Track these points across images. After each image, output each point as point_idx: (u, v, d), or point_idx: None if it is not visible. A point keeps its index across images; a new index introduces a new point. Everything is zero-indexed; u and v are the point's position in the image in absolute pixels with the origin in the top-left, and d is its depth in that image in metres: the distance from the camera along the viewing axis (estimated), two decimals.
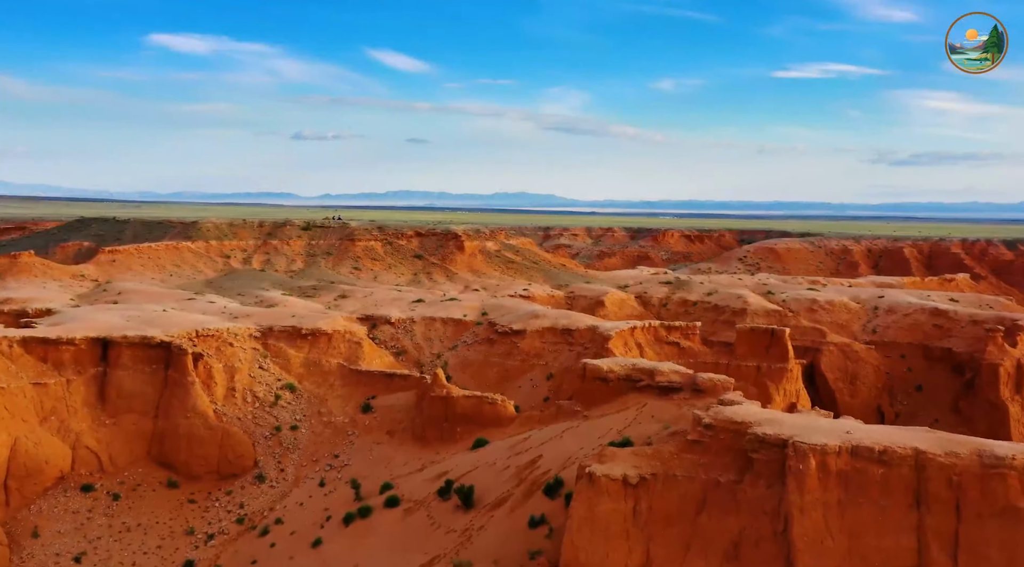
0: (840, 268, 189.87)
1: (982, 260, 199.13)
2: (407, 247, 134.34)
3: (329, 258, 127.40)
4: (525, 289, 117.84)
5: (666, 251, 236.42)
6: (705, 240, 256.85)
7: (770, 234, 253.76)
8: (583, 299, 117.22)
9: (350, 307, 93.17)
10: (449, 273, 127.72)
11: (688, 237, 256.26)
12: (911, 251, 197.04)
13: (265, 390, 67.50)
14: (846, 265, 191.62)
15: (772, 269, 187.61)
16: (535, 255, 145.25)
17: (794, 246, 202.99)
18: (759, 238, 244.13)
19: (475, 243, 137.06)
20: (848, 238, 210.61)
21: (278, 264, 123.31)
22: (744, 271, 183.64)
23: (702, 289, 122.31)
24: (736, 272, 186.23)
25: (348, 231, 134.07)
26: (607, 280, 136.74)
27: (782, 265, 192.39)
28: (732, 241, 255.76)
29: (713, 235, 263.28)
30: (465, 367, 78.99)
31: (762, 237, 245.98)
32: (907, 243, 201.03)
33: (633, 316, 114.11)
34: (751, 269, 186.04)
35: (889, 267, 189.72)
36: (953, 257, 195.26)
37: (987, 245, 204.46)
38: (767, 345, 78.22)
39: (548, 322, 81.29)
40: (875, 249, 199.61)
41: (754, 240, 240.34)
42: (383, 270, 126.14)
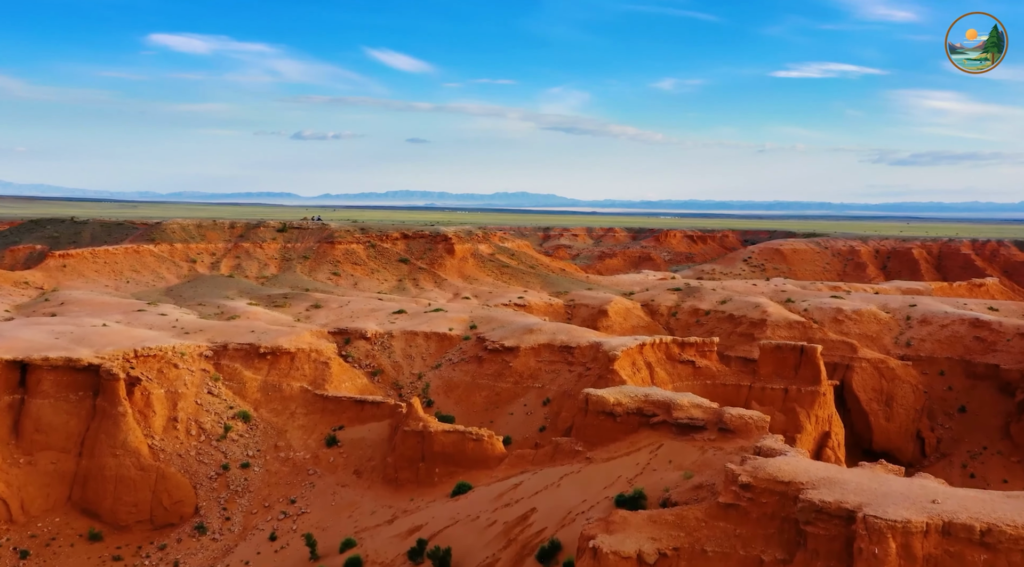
0: (847, 269, 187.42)
1: (993, 261, 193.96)
2: (392, 250, 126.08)
3: (306, 262, 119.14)
4: (520, 297, 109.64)
5: (668, 252, 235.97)
6: (708, 240, 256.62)
7: (774, 234, 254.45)
8: (584, 308, 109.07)
9: (322, 319, 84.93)
10: (437, 279, 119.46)
11: (690, 237, 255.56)
12: (920, 252, 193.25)
13: (213, 420, 59.19)
14: (853, 266, 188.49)
15: (778, 270, 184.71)
16: (532, 259, 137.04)
17: (800, 247, 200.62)
18: (763, 238, 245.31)
19: (466, 246, 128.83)
20: (855, 238, 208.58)
21: (249, 269, 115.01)
22: (749, 272, 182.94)
23: (715, 297, 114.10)
24: (741, 273, 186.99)
25: (327, 233, 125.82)
26: (610, 286, 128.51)
27: (788, 266, 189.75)
28: (735, 241, 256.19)
29: (716, 235, 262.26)
30: (450, 390, 70.71)
31: (766, 237, 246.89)
32: (915, 244, 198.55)
33: (639, 327, 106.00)
34: (756, 270, 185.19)
35: (897, 268, 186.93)
36: (963, 258, 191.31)
37: (998, 246, 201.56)
38: (795, 364, 70.05)
39: (545, 337, 73.06)
40: (883, 250, 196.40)
41: (758, 240, 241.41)
42: (365, 276, 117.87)
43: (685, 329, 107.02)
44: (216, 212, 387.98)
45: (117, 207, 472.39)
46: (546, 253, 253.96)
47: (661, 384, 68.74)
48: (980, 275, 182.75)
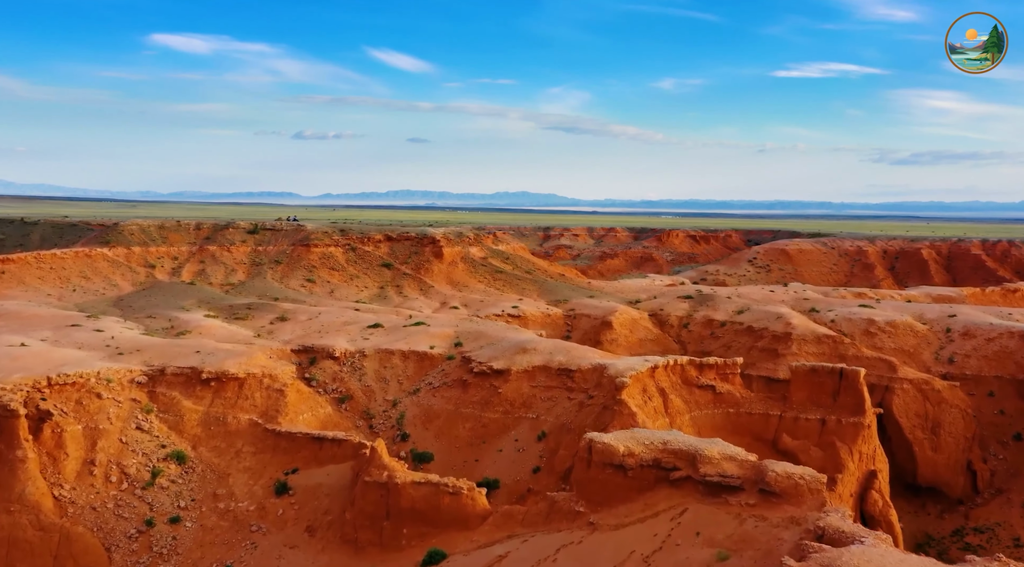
0: (855, 270, 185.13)
1: (1004, 262, 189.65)
2: (374, 254, 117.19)
3: (278, 267, 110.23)
4: (515, 306, 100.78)
5: (671, 252, 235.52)
6: (711, 240, 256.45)
7: (778, 234, 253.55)
8: (586, 319, 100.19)
9: (287, 334, 76.06)
10: (423, 286, 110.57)
11: (693, 237, 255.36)
12: (929, 252, 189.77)
13: (140, 463, 50.29)
14: (861, 267, 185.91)
15: (784, 271, 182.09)
16: (528, 263, 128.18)
17: (806, 247, 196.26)
18: (766, 238, 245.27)
19: (456, 249, 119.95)
20: (862, 239, 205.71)
21: (214, 275, 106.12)
22: (754, 273, 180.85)
23: (730, 306, 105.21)
24: (746, 274, 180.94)
25: (303, 234, 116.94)
26: (614, 293, 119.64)
27: (794, 267, 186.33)
28: (739, 241, 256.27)
29: (719, 235, 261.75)
30: (429, 420, 61.81)
31: (770, 237, 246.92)
32: (924, 244, 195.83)
33: (647, 341, 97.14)
34: (761, 271, 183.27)
35: (906, 269, 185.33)
36: (974, 259, 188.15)
37: (1009, 246, 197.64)
38: (833, 390, 61.26)
39: (540, 358, 64.16)
40: (891, 250, 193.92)
41: (761, 240, 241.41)
42: (343, 282, 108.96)
43: (698, 342, 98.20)
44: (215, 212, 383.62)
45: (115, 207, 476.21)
46: (546, 254, 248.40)
47: (676, 414, 59.93)
48: (992, 276, 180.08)
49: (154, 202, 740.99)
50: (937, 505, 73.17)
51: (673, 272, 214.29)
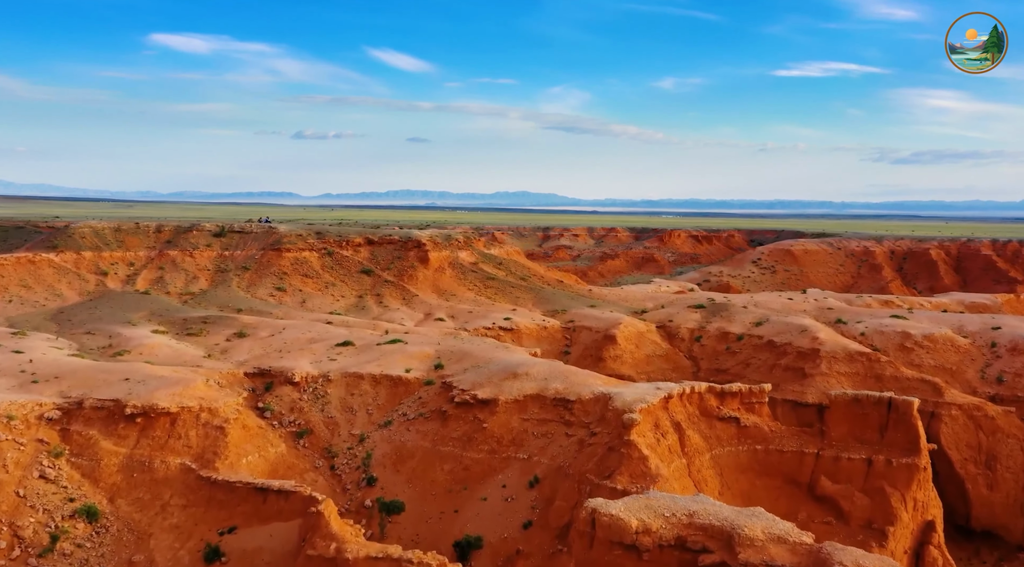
0: (862, 271, 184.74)
1: (1015, 262, 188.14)
2: (353, 259, 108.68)
3: (245, 274, 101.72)
4: (507, 318, 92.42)
5: (672, 252, 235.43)
6: (713, 241, 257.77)
7: (782, 234, 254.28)
8: (587, 332, 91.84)
9: (242, 353, 67.61)
10: (406, 295, 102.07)
11: (695, 237, 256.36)
12: (938, 253, 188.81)
13: (39, 522, 41.82)
14: (868, 268, 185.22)
15: (789, 272, 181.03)
16: (523, 268, 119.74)
17: (811, 247, 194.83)
18: (770, 238, 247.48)
19: (443, 254, 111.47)
20: (869, 239, 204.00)
21: (173, 283, 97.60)
22: (759, 274, 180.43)
23: (747, 316, 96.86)
24: (750, 275, 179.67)
25: (274, 238, 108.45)
26: (618, 302, 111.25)
27: (799, 268, 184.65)
28: (741, 241, 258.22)
29: (721, 235, 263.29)
30: (401, 460, 53.36)
31: (773, 237, 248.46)
32: (933, 244, 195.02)
33: (656, 357, 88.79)
34: (766, 272, 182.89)
35: (914, 270, 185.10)
36: (984, 259, 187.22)
37: (1020, 246, 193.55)
38: (881, 424, 52.90)
39: (533, 385, 55.69)
40: (898, 251, 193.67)
41: (764, 240, 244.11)
42: (317, 291, 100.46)
43: (712, 358, 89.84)
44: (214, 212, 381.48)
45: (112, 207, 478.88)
46: (545, 254, 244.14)
47: (695, 454, 51.48)
48: (1004, 278, 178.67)
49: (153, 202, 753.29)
50: (994, 552, 64.79)
51: (675, 273, 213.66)
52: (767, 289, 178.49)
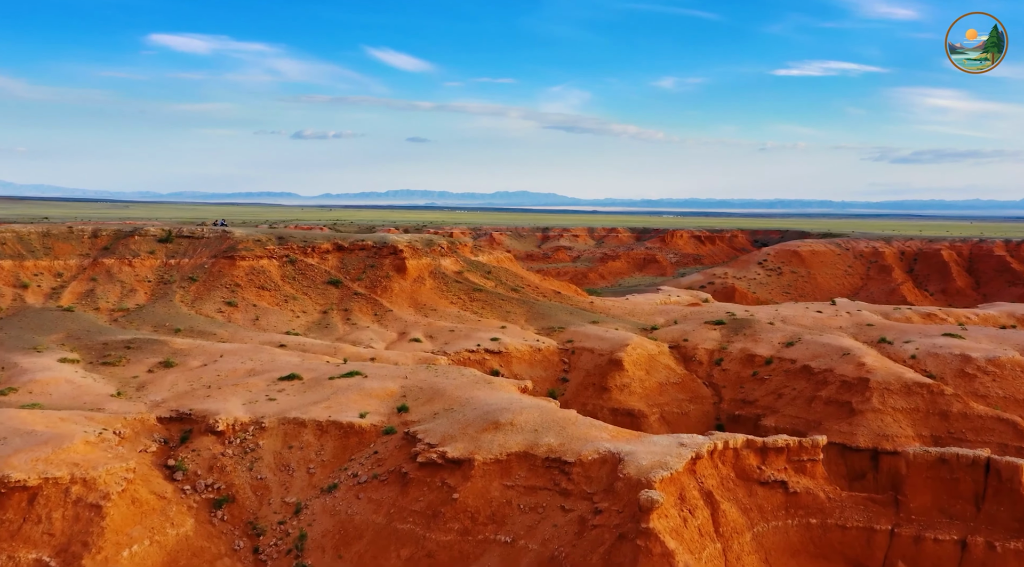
0: (871, 272, 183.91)
1: None
2: (319, 268, 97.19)
3: (191, 287, 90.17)
4: (495, 338, 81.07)
5: (675, 253, 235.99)
6: (716, 241, 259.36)
7: (786, 234, 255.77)
8: (588, 355, 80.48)
9: (162, 390, 56.10)
10: (379, 309, 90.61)
11: (698, 238, 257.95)
12: (949, 253, 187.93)
13: None
14: (877, 269, 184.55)
15: (796, 274, 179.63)
16: (516, 278, 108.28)
17: (818, 248, 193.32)
18: (774, 239, 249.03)
19: (423, 261, 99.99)
20: (877, 239, 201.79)
21: (105, 297, 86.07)
22: (765, 276, 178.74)
23: (775, 335, 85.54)
24: (756, 277, 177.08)
25: (228, 244, 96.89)
26: (623, 316, 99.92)
27: (807, 269, 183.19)
28: (745, 242, 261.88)
29: (725, 235, 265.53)
30: (345, 542, 41.87)
31: (777, 238, 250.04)
32: (944, 244, 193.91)
33: (671, 385, 77.41)
34: (772, 274, 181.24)
35: (925, 271, 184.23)
36: (997, 260, 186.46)
37: None
38: (976, 493, 41.54)
39: (519, 440, 44.19)
40: (908, 251, 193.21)
41: (768, 240, 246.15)
42: (274, 305, 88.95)
43: (736, 387, 78.44)
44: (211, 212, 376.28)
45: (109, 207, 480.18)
46: (545, 255, 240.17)
47: (733, 535, 40.03)
48: (1018, 279, 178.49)
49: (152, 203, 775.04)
50: None
51: (678, 274, 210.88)
52: (773, 291, 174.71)
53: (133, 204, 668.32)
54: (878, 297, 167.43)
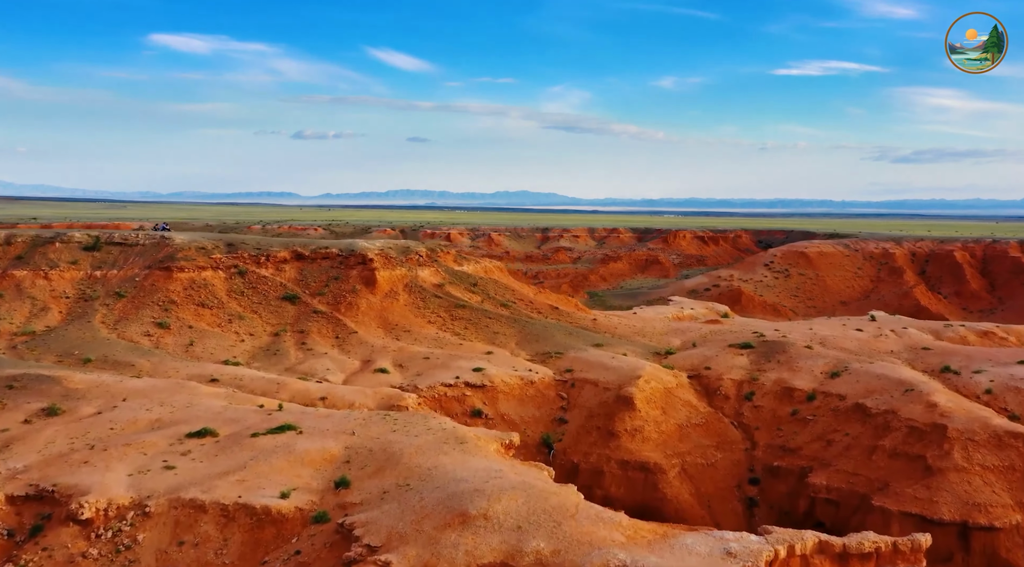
0: (881, 274, 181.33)
1: None
2: (274, 281, 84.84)
3: (116, 304, 77.78)
4: (478, 368, 68.84)
5: (677, 254, 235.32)
6: (720, 241, 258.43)
7: (791, 235, 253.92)
8: (592, 389, 68.29)
9: (28, 453, 43.68)
10: (341, 331, 78.26)
11: (701, 238, 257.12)
12: (962, 255, 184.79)
13: None
14: (888, 271, 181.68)
15: (804, 276, 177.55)
16: (506, 291, 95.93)
17: (826, 249, 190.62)
18: (778, 239, 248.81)
19: (397, 272, 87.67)
20: (887, 240, 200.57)
21: (10, 318, 73.72)
22: (772, 278, 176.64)
23: (816, 363, 73.31)
24: (763, 279, 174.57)
25: (166, 252, 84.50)
26: (631, 336, 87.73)
27: (815, 271, 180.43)
28: (749, 242, 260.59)
29: (728, 236, 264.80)
30: None
31: (782, 238, 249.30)
32: (956, 245, 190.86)
33: (692, 427, 65.18)
34: (779, 276, 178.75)
35: (938, 273, 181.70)
36: (1012, 261, 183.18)
37: None
38: None
39: (495, 544, 31.78)
40: (920, 253, 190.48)
41: (772, 241, 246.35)
42: (215, 327, 76.54)
43: (773, 429, 66.15)
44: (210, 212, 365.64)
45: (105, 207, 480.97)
46: (544, 256, 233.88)
47: None
48: None
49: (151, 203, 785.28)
50: None
51: (681, 276, 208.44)
52: (781, 294, 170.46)
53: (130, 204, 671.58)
54: (890, 300, 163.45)
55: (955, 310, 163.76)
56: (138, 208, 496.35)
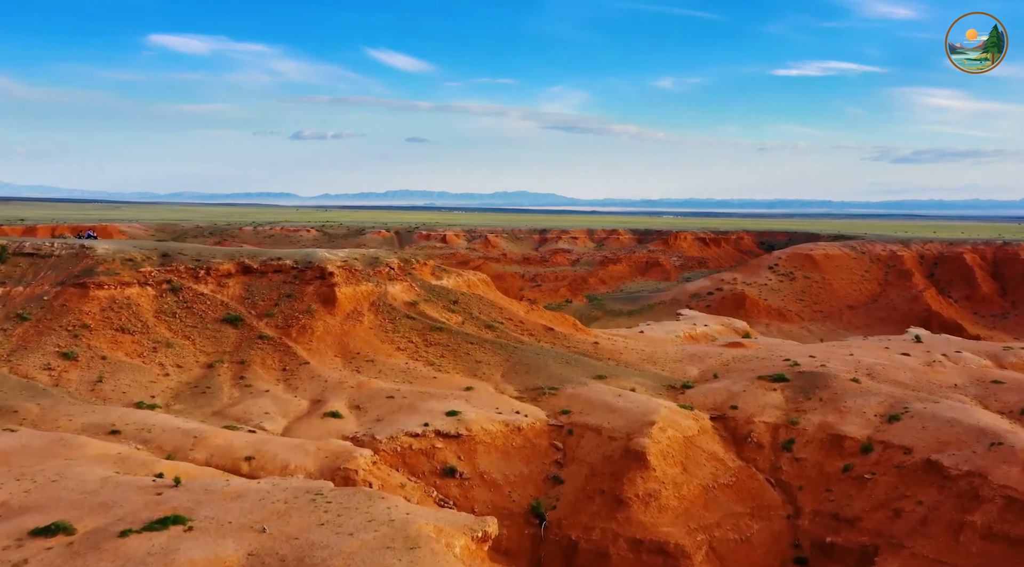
0: (889, 278, 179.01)
1: None
2: (214, 299, 72.79)
3: (16, 329, 65.67)
4: (453, 412, 56.92)
5: (679, 256, 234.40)
6: (721, 243, 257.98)
7: (794, 236, 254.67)
8: (593, 437, 56.70)
9: None
10: (291, 362, 66.23)
11: (702, 240, 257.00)
12: (972, 257, 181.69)
13: None
14: (896, 274, 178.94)
15: (810, 280, 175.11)
16: (493, 309, 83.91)
17: (832, 252, 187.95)
18: (781, 240, 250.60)
19: (362, 288, 75.67)
20: (895, 242, 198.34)
21: None
22: (777, 282, 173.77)
23: (866, 402, 61.63)
24: (767, 283, 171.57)
25: (86, 265, 72.42)
26: (639, 364, 75.92)
27: (821, 275, 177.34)
28: (751, 244, 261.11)
29: (730, 237, 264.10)
30: None
31: (785, 239, 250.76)
32: (966, 247, 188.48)
33: (720, 488, 53.97)
34: (784, 279, 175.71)
35: (947, 276, 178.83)
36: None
37: None
38: None
39: None
40: (928, 255, 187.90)
41: (775, 242, 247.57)
42: (134, 357, 64.45)
43: (821, 490, 54.36)
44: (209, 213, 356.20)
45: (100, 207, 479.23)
46: (542, 258, 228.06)
47: None
48: None
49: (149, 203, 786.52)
50: None
51: (682, 279, 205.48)
52: (787, 298, 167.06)
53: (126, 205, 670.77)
54: (899, 304, 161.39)
55: (967, 315, 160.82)
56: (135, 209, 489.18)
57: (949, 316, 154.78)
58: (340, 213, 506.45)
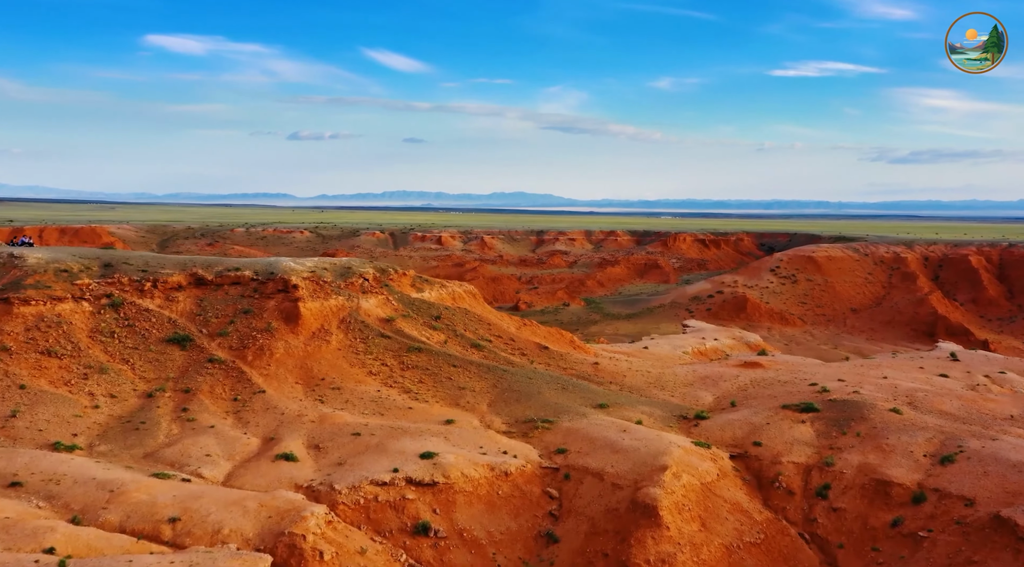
0: (893, 280, 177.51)
1: None
2: (160, 316, 64.60)
3: None
4: (428, 453, 48.83)
5: (678, 258, 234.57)
6: (721, 245, 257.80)
7: (795, 237, 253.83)
8: (594, 484, 48.93)
9: None
10: (244, 390, 58.08)
11: (702, 241, 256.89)
12: (978, 259, 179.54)
13: None
14: (900, 276, 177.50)
15: (812, 282, 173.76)
16: (481, 325, 75.73)
17: (835, 254, 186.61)
18: (781, 242, 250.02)
19: (331, 303, 67.52)
20: (898, 243, 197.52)
21: None
22: (778, 284, 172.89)
23: (912, 439, 54.09)
24: (769, 286, 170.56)
25: (13, 277, 64.24)
26: (645, 388, 68.03)
27: (823, 277, 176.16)
28: (751, 245, 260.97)
29: (730, 239, 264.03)
30: None
31: (785, 241, 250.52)
32: (971, 249, 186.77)
33: (747, 547, 46.64)
34: (786, 282, 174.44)
35: (952, 278, 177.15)
36: None
37: None
38: None
39: None
40: (933, 257, 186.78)
41: (776, 244, 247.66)
42: (64, 385, 56.30)
43: (863, 546, 46.89)
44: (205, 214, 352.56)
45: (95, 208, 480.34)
46: (539, 260, 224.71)
47: None
48: None
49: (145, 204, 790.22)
50: None
51: (682, 281, 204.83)
52: (788, 301, 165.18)
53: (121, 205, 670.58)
54: (904, 308, 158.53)
55: (973, 318, 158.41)
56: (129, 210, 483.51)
57: (955, 320, 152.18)
58: (336, 214, 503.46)
